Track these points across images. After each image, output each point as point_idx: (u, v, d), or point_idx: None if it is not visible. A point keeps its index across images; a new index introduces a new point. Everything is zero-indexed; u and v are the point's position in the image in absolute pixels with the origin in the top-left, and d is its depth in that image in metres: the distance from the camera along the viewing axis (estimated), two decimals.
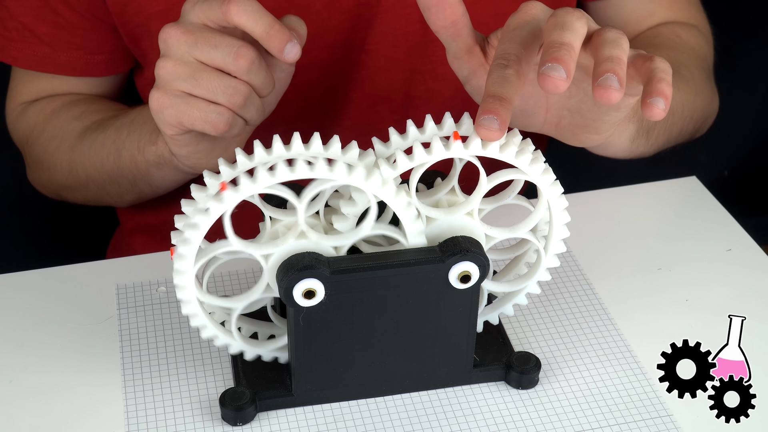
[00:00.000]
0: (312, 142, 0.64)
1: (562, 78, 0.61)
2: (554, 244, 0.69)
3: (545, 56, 0.62)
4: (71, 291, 0.80)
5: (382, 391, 0.70)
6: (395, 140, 0.66)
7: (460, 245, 0.65)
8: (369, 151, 0.65)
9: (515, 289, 0.71)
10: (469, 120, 0.66)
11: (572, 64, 0.61)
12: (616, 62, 0.62)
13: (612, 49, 0.63)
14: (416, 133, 0.66)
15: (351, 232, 0.66)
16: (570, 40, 0.62)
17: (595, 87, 0.61)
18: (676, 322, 0.75)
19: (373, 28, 0.90)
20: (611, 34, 0.64)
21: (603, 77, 0.61)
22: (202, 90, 0.72)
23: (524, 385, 0.71)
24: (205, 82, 0.72)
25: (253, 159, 0.64)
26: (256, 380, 0.70)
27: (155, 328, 0.76)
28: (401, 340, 0.68)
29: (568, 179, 0.76)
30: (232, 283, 0.80)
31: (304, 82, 0.91)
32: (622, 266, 0.83)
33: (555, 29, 0.63)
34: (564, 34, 0.63)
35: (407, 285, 0.66)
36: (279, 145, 0.64)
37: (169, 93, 0.74)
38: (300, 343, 0.67)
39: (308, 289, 0.64)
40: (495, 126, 0.61)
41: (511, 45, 0.65)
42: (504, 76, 0.63)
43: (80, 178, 0.93)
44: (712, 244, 0.85)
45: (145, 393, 0.71)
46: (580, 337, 0.75)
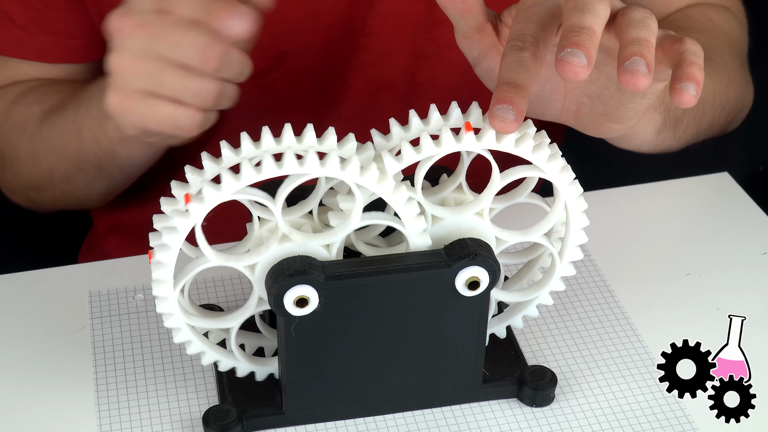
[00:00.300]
0: (305, 134, 0.64)
1: (582, 65, 0.60)
2: (570, 251, 0.69)
3: (564, 41, 0.61)
4: (39, 299, 0.80)
5: (382, 409, 0.70)
6: (396, 132, 0.65)
7: (468, 248, 0.65)
8: (368, 144, 0.65)
9: (525, 299, 0.71)
10: (479, 110, 0.65)
11: (593, 50, 0.61)
12: (644, 44, 0.62)
13: (639, 30, 0.62)
14: (420, 124, 0.65)
15: (339, 226, 0.65)
16: (591, 24, 0.62)
17: (621, 71, 0.61)
18: (705, 332, 0.75)
19: (373, 9, 0.90)
20: (638, 13, 0.64)
21: (629, 61, 0.61)
22: (168, 90, 0.71)
23: (539, 403, 0.71)
24: (169, 83, 0.71)
25: (240, 153, 0.64)
26: (243, 397, 0.70)
27: (131, 339, 0.76)
28: (403, 352, 0.68)
29: (587, 175, 0.76)
30: (217, 290, 0.80)
31: (296, 68, 0.91)
32: (647, 271, 0.83)
33: (575, 11, 0.63)
34: (585, 17, 0.62)
35: (410, 292, 0.66)
36: (268, 138, 0.64)
37: (129, 95, 0.72)
38: (291, 357, 0.66)
39: (300, 297, 0.64)
40: (510, 117, 0.61)
41: (527, 24, 0.65)
42: (520, 59, 0.63)
43: (44, 170, 0.92)
44: (745, 246, 0.85)
45: (120, 411, 0.70)
46: (600, 349, 0.75)
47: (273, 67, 0.93)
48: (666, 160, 0.94)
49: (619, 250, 0.84)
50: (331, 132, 0.64)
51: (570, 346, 0.75)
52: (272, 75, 0.93)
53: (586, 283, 0.81)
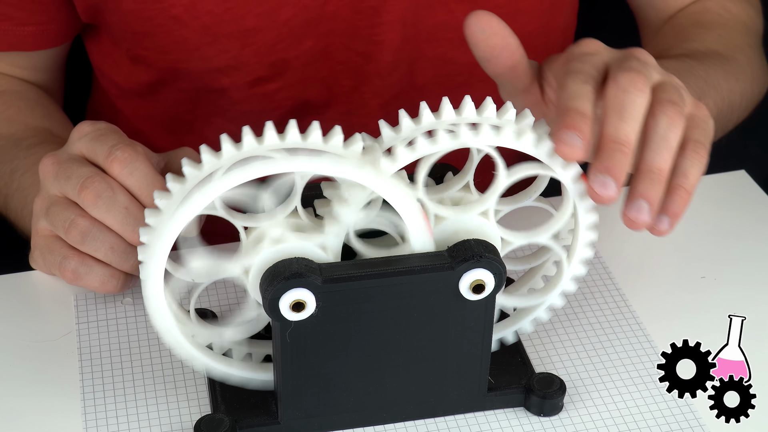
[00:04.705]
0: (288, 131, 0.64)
1: (611, 195, 0.64)
2: (580, 249, 0.69)
3: (597, 161, 0.64)
4: (22, 302, 0.80)
5: (382, 418, 0.70)
6: (407, 123, 0.65)
7: (473, 250, 0.65)
8: (367, 139, 0.65)
9: (533, 303, 0.71)
10: (493, 105, 0.65)
11: (625, 171, 0.64)
12: (655, 181, 0.65)
13: (656, 155, 0.65)
14: (431, 118, 0.65)
15: (336, 225, 0.65)
16: (627, 136, 0.65)
17: (624, 212, 0.66)
18: (721, 339, 0.75)
19: (381, 17, 0.91)
20: (663, 120, 0.66)
21: (635, 203, 0.65)
22: (53, 227, 0.75)
23: (546, 412, 0.71)
24: (53, 215, 0.75)
25: (221, 156, 0.63)
26: (236, 406, 0.69)
27: (120, 345, 0.76)
28: (404, 359, 0.68)
29: None
30: (209, 293, 0.80)
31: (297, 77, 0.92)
32: (660, 274, 0.83)
33: (613, 113, 0.65)
34: (622, 126, 0.65)
35: (411, 295, 0.66)
36: (250, 139, 0.63)
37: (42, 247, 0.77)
38: (287, 364, 0.66)
39: (297, 301, 0.64)
40: (578, 144, 0.64)
41: (585, 66, 0.68)
42: (585, 90, 0.66)
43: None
44: (764, 248, 0.85)
45: (108, 420, 0.70)
46: (611, 355, 0.75)
47: (272, 76, 0.94)
48: None
49: (631, 251, 0.84)
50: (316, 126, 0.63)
51: (579, 353, 0.75)
52: (273, 84, 0.94)
53: (596, 286, 0.81)
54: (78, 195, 0.73)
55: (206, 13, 0.90)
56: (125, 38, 0.95)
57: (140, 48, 0.94)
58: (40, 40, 0.97)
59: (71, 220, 0.73)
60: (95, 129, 0.75)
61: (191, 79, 0.96)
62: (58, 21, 0.96)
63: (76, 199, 0.73)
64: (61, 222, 0.74)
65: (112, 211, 0.73)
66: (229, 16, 0.90)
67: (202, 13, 0.90)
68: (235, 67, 0.93)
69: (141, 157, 0.73)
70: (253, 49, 0.92)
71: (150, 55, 0.95)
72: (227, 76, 0.94)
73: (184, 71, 0.95)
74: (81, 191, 0.73)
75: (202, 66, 0.94)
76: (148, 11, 0.91)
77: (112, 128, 0.76)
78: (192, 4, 0.90)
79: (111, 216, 0.73)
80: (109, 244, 0.74)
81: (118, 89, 1.03)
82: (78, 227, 0.73)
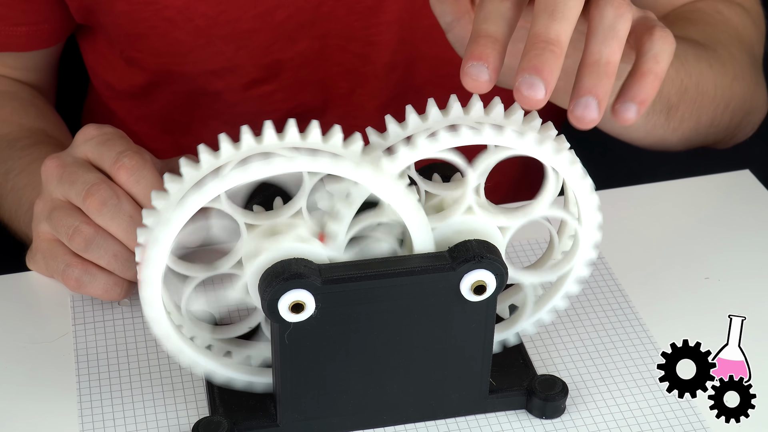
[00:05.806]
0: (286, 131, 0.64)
1: (539, 98, 0.59)
2: (583, 251, 0.69)
3: (525, 61, 0.59)
4: (18, 304, 0.80)
5: (383, 421, 0.70)
6: (413, 120, 0.65)
7: (474, 250, 0.65)
8: (373, 134, 0.65)
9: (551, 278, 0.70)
10: (501, 105, 0.65)
11: (557, 70, 0.59)
12: (602, 74, 0.60)
13: (603, 46, 0.61)
14: (439, 115, 0.65)
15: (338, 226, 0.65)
16: (558, 35, 0.60)
17: (572, 106, 0.60)
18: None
19: (377, 17, 0.91)
20: (610, 12, 0.62)
21: (581, 100, 0.60)
22: (56, 232, 0.75)
23: (549, 414, 0.71)
24: (56, 219, 0.75)
25: (220, 156, 0.63)
26: (234, 408, 0.69)
27: (117, 347, 0.76)
28: (404, 361, 0.68)
29: (600, 174, 0.76)
30: None
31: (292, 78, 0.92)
32: (663, 274, 0.83)
33: (543, 14, 0.60)
34: (552, 26, 0.60)
35: (412, 297, 0.66)
36: (248, 137, 0.63)
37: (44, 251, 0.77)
38: (286, 365, 0.66)
39: (296, 302, 0.64)
40: (484, 76, 0.60)
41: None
42: (499, 10, 0.61)
43: None
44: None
45: (105, 423, 0.70)
46: (614, 357, 0.75)
47: (267, 77, 0.94)
48: (682, 157, 0.94)
49: (634, 252, 0.84)
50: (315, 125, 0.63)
51: (582, 354, 0.75)
52: (268, 86, 0.94)
53: (599, 287, 0.81)
54: (83, 201, 0.73)
55: (200, 15, 0.90)
56: (119, 40, 0.95)
57: (134, 50, 0.95)
58: (32, 41, 0.97)
59: (75, 226, 0.73)
60: (102, 133, 0.75)
61: (185, 81, 0.96)
62: (51, 21, 0.96)
63: (81, 205, 0.73)
64: (64, 228, 0.74)
65: (116, 219, 0.72)
66: (223, 19, 0.90)
67: (195, 15, 0.90)
68: (230, 70, 0.93)
69: (148, 165, 0.73)
70: (247, 51, 0.92)
71: (143, 57, 0.95)
72: (221, 78, 0.94)
73: (178, 73, 0.95)
74: (86, 198, 0.73)
75: (196, 68, 0.94)
76: (141, 13, 0.91)
77: (119, 133, 0.76)
78: (185, 6, 0.90)
79: (115, 224, 0.73)
80: (113, 252, 0.74)
81: (112, 90, 1.03)
82: (82, 234, 0.73)
